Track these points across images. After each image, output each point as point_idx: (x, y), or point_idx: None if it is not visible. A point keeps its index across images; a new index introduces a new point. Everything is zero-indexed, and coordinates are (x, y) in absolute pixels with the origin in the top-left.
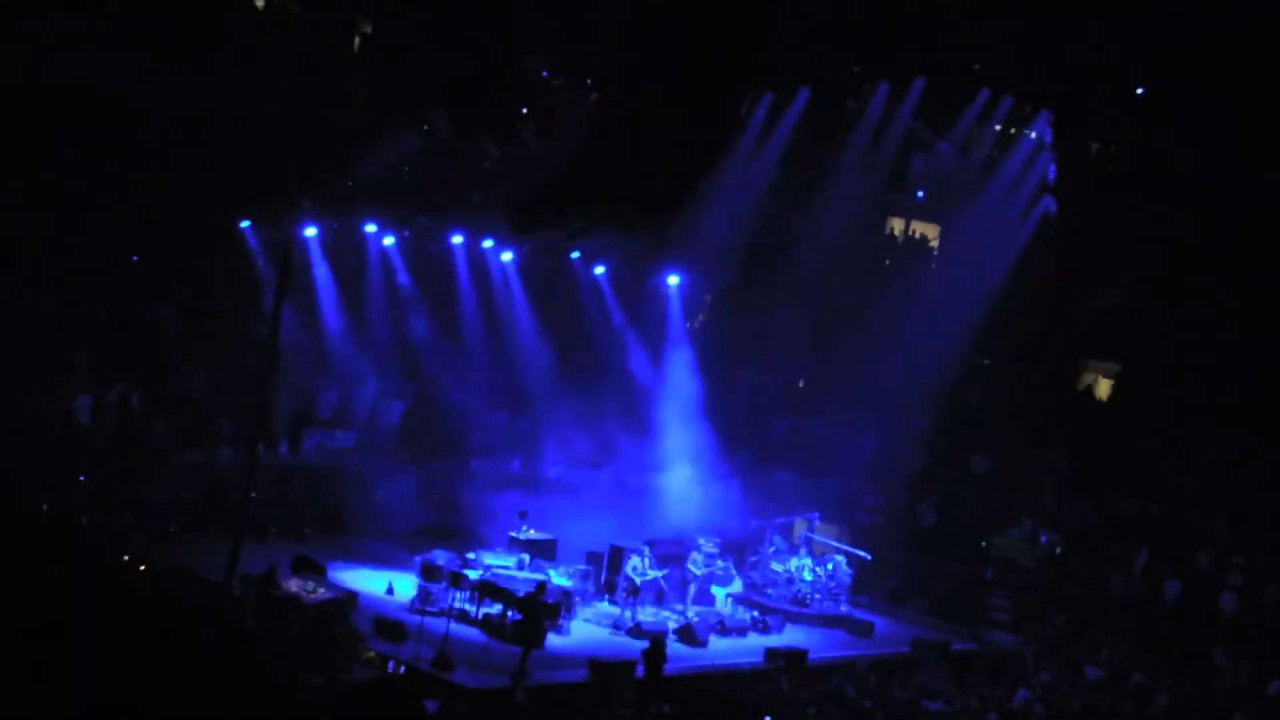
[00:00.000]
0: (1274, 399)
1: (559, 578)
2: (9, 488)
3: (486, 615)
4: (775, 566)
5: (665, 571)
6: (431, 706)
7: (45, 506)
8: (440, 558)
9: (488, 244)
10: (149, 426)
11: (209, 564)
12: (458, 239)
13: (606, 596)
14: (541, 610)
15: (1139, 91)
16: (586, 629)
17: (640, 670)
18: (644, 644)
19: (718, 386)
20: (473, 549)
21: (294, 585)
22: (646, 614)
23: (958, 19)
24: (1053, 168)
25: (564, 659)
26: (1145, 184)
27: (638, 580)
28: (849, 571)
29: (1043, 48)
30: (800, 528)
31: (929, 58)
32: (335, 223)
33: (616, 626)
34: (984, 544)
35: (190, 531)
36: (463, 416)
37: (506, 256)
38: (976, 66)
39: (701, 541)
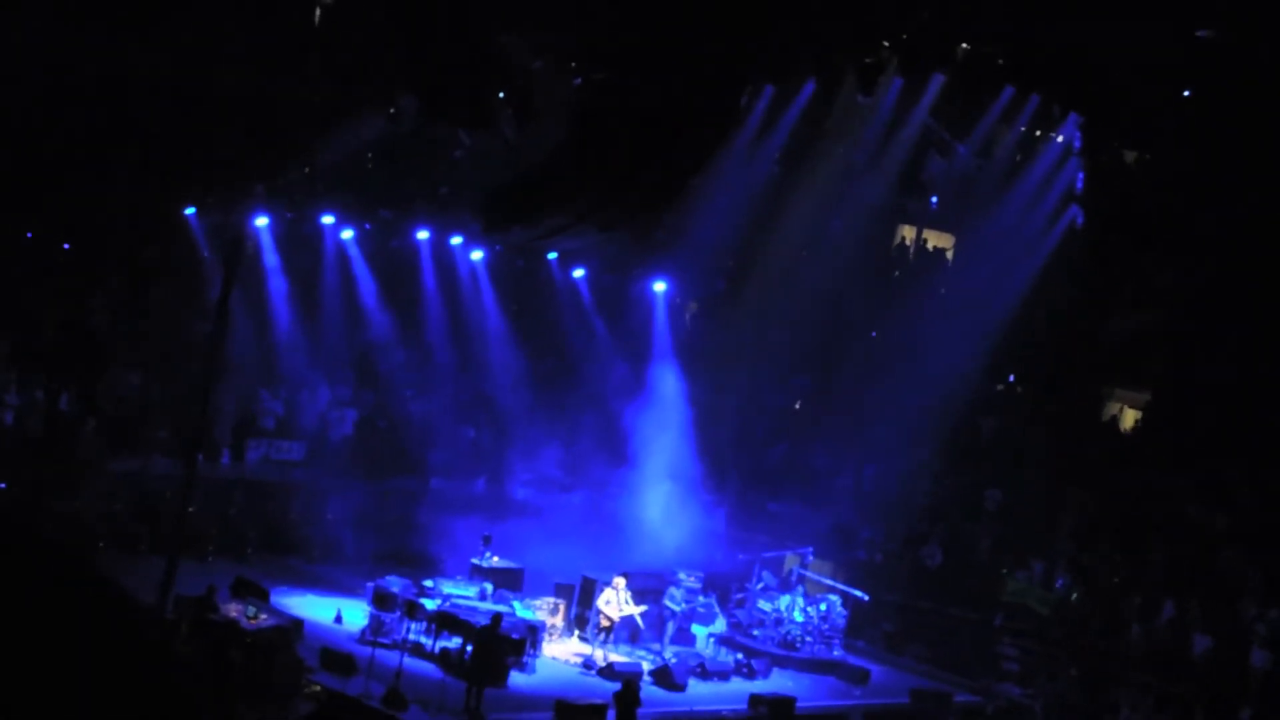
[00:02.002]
0: None
1: (525, 610)
2: None
3: (444, 649)
4: (763, 605)
5: (642, 607)
6: None
7: None
8: (395, 585)
9: (456, 241)
10: (79, 430)
11: (140, 584)
12: (423, 234)
13: (576, 632)
14: (504, 645)
15: (1185, 94)
16: (554, 667)
17: (611, 715)
18: (616, 686)
19: (705, 405)
20: (430, 576)
21: (233, 610)
22: (620, 653)
23: (980, 8)
24: (1081, 175)
25: (528, 699)
26: (1183, 196)
27: (611, 616)
28: (844, 613)
29: (1074, 42)
30: (792, 563)
31: (948, 50)
32: (289, 212)
33: (587, 666)
34: (994, 587)
35: (120, 547)
36: (423, 430)
37: (476, 255)
38: (1000, 61)
39: (682, 575)
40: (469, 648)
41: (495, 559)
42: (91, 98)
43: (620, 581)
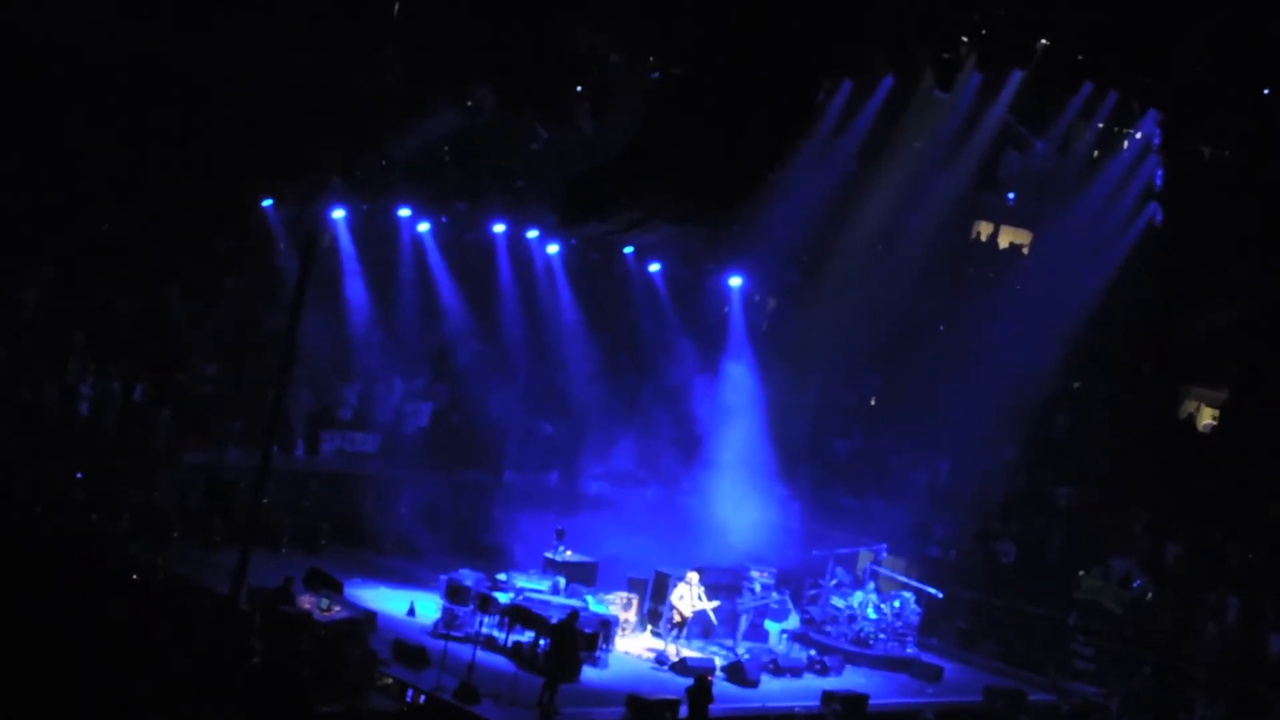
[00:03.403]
0: None
1: (598, 605)
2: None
3: (516, 643)
4: (836, 602)
5: (715, 603)
6: None
7: (37, 508)
8: (468, 578)
9: (532, 234)
10: (153, 421)
11: (214, 575)
12: (499, 228)
13: (649, 627)
14: (577, 639)
15: (1264, 92)
16: (626, 662)
17: (684, 710)
18: (688, 681)
19: (779, 400)
20: (503, 570)
21: (307, 602)
22: (692, 648)
23: (1059, 4)
24: (1160, 172)
25: (600, 694)
26: (1264, 194)
27: (684, 611)
28: (917, 610)
29: (1154, 38)
30: (865, 560)
31: (1026, 46)
32: (366, 204)
33: (659, 661)
34: (1068, 585)
35: (194, 539)
36: (497, 423)
37: (552, 249)
38: (1079, 57)
39: (755, 571)
40: (542, 642)
41: (568, 553)
42: (170, 90)
43: (694, 576)
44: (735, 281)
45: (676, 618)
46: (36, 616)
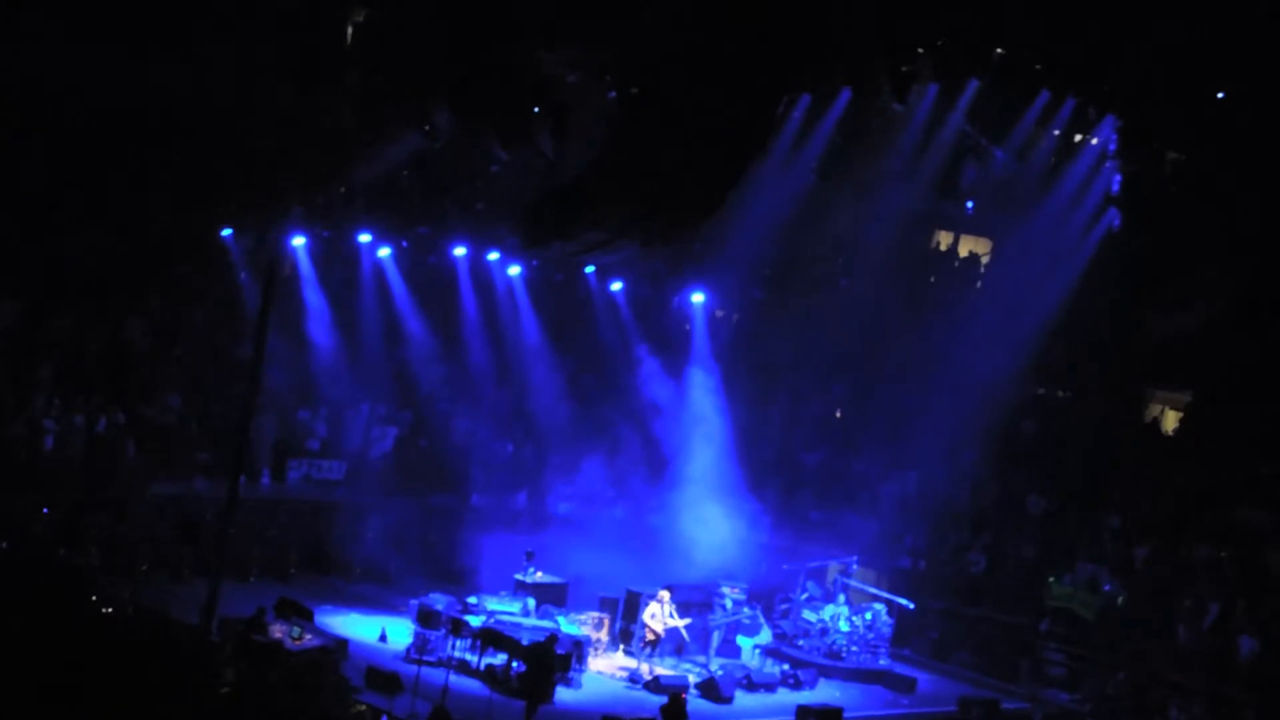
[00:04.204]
0: None
1: (569, 625)
2: None
3: (489, 666)
4: (808, 615)
5: (687, 620)
6: None
7: (4, 543)
8: (439, 602)
9: (493, 256)
10: (119, 454)
11: (184, 607)
12: (460, 251)
13: (621, 646)
14: (550, 661)
15: (1219, 96)
16: (599, 682)
17: None
18: (662, 699)
19: (745, 415)
20: (474, 593)
21: (278, 631)
22: (666, 666)
23: (1016, 13)
24: (1118, 178)
25: (575, 715)
26: (1222, 198)
27: (657, 629)
28: (889, 621)
29: (1110, 44)
30: (835, 572)
31: (983, 56)
32: (326, 231)
33: (633, 680)
34: (1039, 592)
35: (163, 570)
36: (464, 447)
37: (514, 270)
38: (1036, 65)
39: (726, 587)
40: (515, 664)
41: (538, 574)
42: (127, 120)
43: (665, 594)
44: (698, 298)
45: (649, 636)
46: (5, 652)
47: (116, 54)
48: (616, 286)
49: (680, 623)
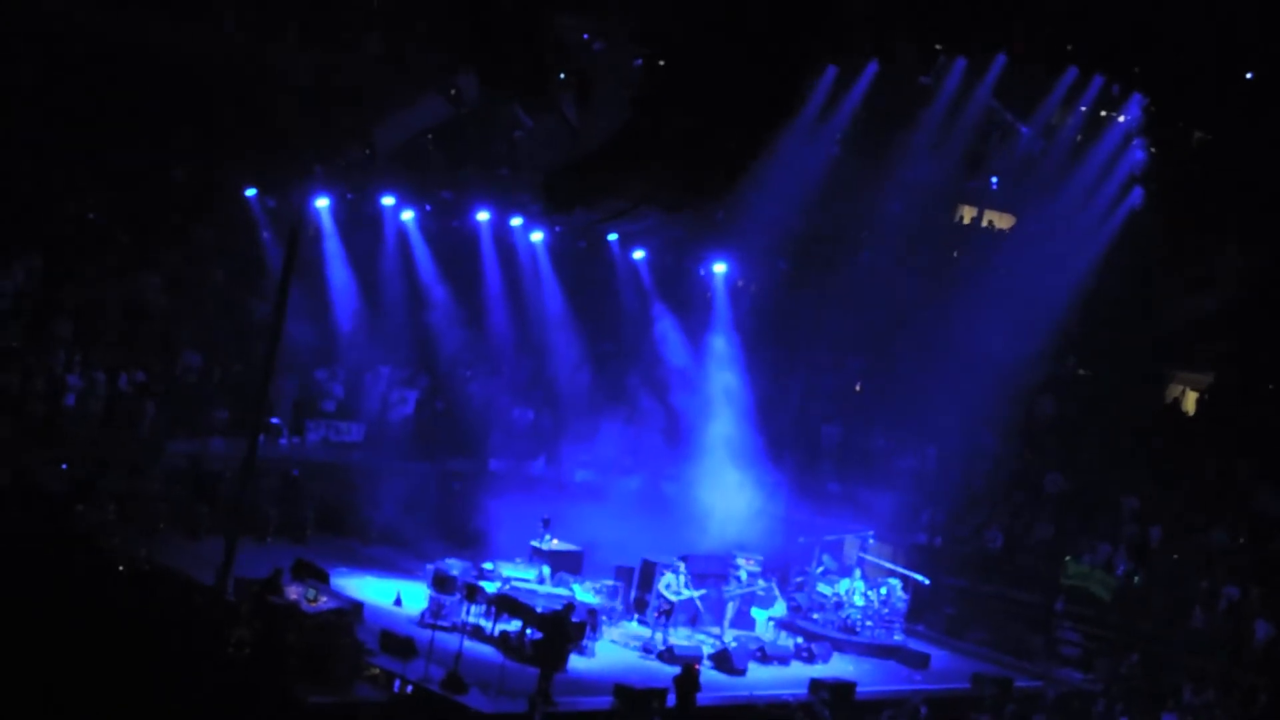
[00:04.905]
0: None
1: (584, 593)
2: None
3: (504, 632)
4: (823, 589)
5: (701, 591)
6: None
7: (22, 499)
8: (454, 567)
9: (516, 222)
10: (139, 412)
11: (200, 566)
12: (483, 216)
13: (636, 616)
14: (565, 630)
15: (1248, 76)
16: (613, 651)
17: (671, 699)
18: (676, 670)
19: (765, 387)
20: (490, 559)
21: (293, 592)
22: (679, 637)
23: None
24: (1141, 156)
25: (588, 684)
26: (1248, 177)
27: (671, 599)
28: (904, 597)
29: (1138, 22)
30: (852, 546)
31: (1011, 31)
32: (349, 193)
33: (646, 650)
34: (1055, 571)
35: (180, 529)
36: (483, 412)
37: (536, 237)
38: (1064, 43)
39: (742, 559)
40: (530, 631)
41: (554, 541)
42: (151, 79)
43: (680, 565)
44: (720, 268)
45: (663, 606)
46: (21, 607)
47: (140, 14)
48: (639, 255)
49: (695, 593)
